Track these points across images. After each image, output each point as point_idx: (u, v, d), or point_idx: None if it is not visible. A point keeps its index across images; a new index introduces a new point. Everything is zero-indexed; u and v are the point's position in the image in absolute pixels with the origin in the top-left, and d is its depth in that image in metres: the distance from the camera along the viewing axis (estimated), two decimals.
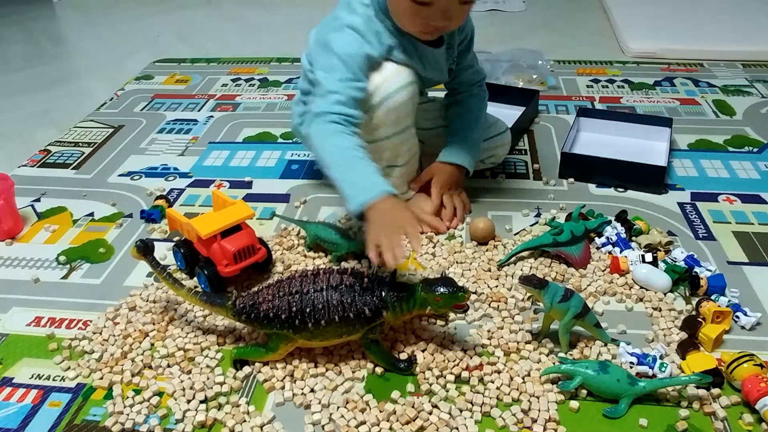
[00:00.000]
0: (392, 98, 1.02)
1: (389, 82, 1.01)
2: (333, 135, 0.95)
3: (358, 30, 1.00)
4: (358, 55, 0.99)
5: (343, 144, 0.95)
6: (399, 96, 1.02)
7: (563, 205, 1.19)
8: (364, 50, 1.00)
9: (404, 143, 1.09)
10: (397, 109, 1.03)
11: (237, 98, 1.73)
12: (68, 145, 1.50)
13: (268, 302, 0.82)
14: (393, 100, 1.02)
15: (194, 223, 0.98)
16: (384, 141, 1.06)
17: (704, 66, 1.84)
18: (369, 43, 1.00)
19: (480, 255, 1.06)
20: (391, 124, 1.04)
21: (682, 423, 0.76)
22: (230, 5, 2.60)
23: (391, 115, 1.03)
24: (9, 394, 0.85)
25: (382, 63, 1.02)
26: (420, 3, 0.95)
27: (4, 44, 2.30)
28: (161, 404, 0.82)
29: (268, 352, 0.84)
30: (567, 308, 0.84)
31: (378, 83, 1.01)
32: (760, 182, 1.26)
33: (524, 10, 2.41)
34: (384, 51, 1.02)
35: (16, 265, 1.10)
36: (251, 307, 0.83)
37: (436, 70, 1.11)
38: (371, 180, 0.91)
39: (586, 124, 1.44)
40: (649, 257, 1.00)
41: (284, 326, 0.81)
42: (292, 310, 0.80)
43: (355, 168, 0.93)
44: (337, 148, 0.95)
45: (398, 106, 1.03)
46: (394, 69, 1.02)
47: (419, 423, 0.77)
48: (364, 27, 1.01)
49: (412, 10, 0.96)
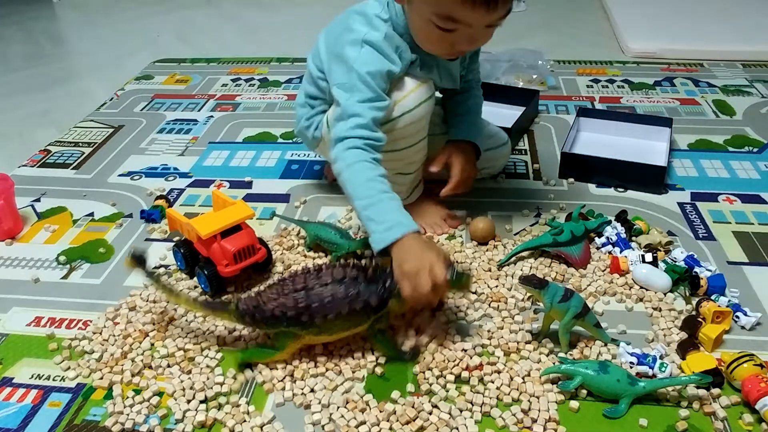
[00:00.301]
0: (411, 113, 1.01)
1: (409, 98, 1.00)
2: (356, 164, 0.93)
3: (379, 47, 0.97)
4: (379, 74, 0.96)
5: (367, 175, 0.92)
6: (418, 111, 1.01)
7: (563, 205, 1.19)
8: (385, 68, 0.97)
9: (417, 153, 1.08)
10: (416, 123, 1.02)
11: (237, 98, 1.73)
12: (68, 145, 1.50)
13: (273, 301, 0.82)
14: (412, 115, 1.01)
15: (194, 223, 0.98)
16: (400, 152, 1.05)
17: (704, 66, 1.84)
18: (390, 59, 0.97)
19: (480, 255, 1.06)
20: (409, 136, 1.04)
21: (682, 423, 0.76)
22: (230, 5, 2.60)
23: (409, 129, 1.02)
24: (9, 394, 0.85)
25: (402, 78, 1.00)
26: (446, 30, 0.92)
27: (4, 44, 2.30)
28: (161, 404, 0.82)
29: (275, 352, 0.84)
30: (567, 308, 0.84)
31: (397, 98, 1.00)
32: (760, 182, 1.26)
33: (524, 10, 2.41)
34: (405, 66, 1.00)
35: (16, 265, 1.10)
36: (255, 308, 0.83)
37: (450, 79, 1.10)
38: (396, 218, 0.88)
39: (586, 124, 1.44)
40: (649, 257, 1.00)
41: (292, 324, 0.81)
42: (299, 306, 0.80)
43: (379, 203, 0.90)
44: (361, 179, 0.92)
45: (417, 120, 1.02)
46: (414, 84, 1.01)
47: (419, 423, 0.77)
48: (384, 43, 0.97)
49: (438, 36, 0.93)
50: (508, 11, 0.91)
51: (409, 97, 1.00)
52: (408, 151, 1.06)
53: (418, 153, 1.09)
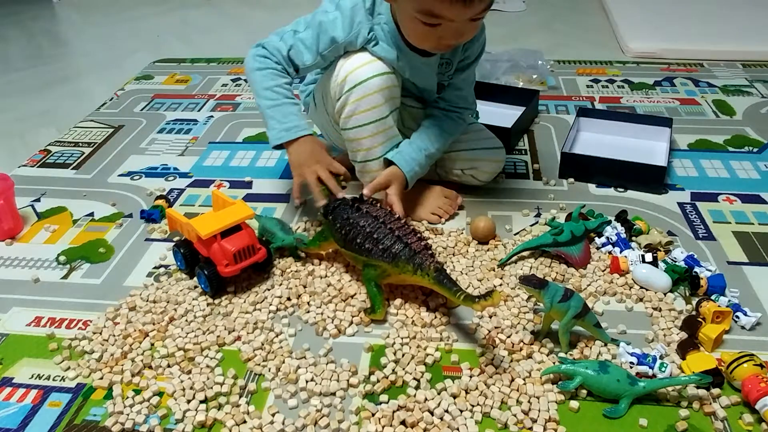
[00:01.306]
0: (363, 85, 1.04)
1: (361, 71, 1.04)
2: (267, 70, 1.07)
3: (344, 13, 1.04)
4: (326, 35, 1.05)
5: (277, 81, 1.06)
6: (371, 83, 1.04)
7: (563, 205, 1.19)
8: (332, 34, 1.04)
9: (380, 134, 1.09)
10: (369, 97, 1.05)
11: (237, 98, 1.73)
12: (68, 145, 1.50)
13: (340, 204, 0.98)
14: (364, 87, 1.04)
15: (194, 224, 0.97)
16: (359, 129, 1.07)
17: (704, 66, 1.84)
18: (343, 29, 1.04)
19: (481, 254, 1.06)
20: (365, 111, 1.06)
21: (682, 423, 0.76)
22: (230, 5, 2.61)
23: (365, 102, 1.05)
24: (9, 394, 0.85)
25: (356, 52, 1.06)
26: (431, 25, 0.94)
27: (4, 44, 2.30)
28: (161, 404, 0.82)
29: (310, 245, 1.03)
30: (567, 308, 0.84)
31: (349, 69, 1.05)
32: (760, 182, 1.26)
33: (524, 10, 2.41)
34: (362, 41, 1.05)
35: (16, 265, 1.10)
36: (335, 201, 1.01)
37: (422, 78, 1.11)
38: (295, 122, 1.06)
39: (586, 124, 1.44)
40: (649, 257, 1.00)
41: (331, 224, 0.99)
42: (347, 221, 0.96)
43: (283, 106, 1.06)
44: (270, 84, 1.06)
45: (370, 93, 1.04)
46: (368, 58, 1.05)
47: (420, 424, 0.77)
48: (349, 12, 1.04)
49: (423, 31, 0.96)
50: (489, 4, 0.93)
51: (361, 69, 1.04)
52: (368, 128, 1.07)
53: (382, 135, 1.09)
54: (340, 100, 1.06)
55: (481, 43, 1.14)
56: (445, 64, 1.12)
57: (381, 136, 1.09)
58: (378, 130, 1.08)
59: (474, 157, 1.20)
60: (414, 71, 1.09)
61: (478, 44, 1.13)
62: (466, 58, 1.14)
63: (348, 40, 1.05)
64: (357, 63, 1.05)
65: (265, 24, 2.33)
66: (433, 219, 1.15)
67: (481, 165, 1.20)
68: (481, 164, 1.20)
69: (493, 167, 1.22)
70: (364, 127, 1.07)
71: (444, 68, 1.12)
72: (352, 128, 1.08)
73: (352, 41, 1.05)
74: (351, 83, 1.04)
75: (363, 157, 1.11)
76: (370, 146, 1.09)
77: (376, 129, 1.08)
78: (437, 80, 1.13)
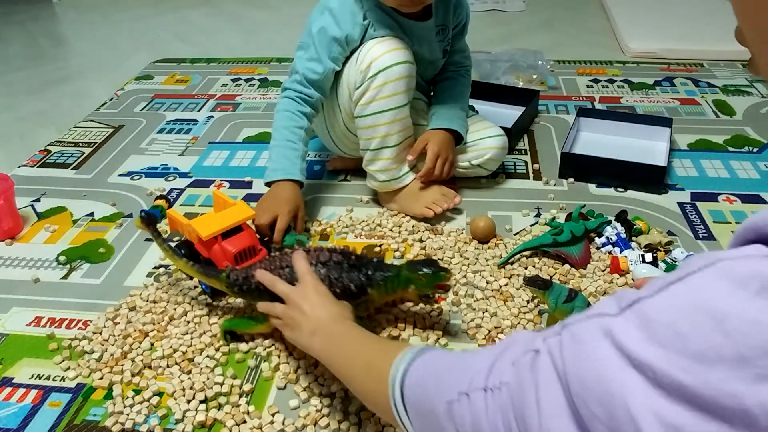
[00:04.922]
0: (388, 71, 1.06)
1: (385, 57, 1.06)
2: (283, 111, 1.12)
3: (334, 12, 1.07)
4: (326, 38, 1.08)
5: (285, 123, 1.11)
6: (396, 69, 1.06)
7: (563, 205, 1.19)
8: (331, 33, 1.07)
9: (398, 122, 1.10)
10: (391, 84, 1.06)
11: (237, 98, 1.73)
12: (68, 145, 1.50)
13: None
14: (386, 74, 1.06)
15: (195, 224, 0.97)
16: (378, 115, 1.08)
17: (704, 66, 1.84)
18: (339, 25, 1.07)
19: (482, 253, 1.06)
20: (386, 98, 1.07)
21: None
22: (230, 5, 2.60)
23: (387, 89, 1.06)
24: (9, 394, 0.85)
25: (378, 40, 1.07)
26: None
27: (4, 44, 2.30)
28: (161, 404, 0.82)
29: (257, 324, 0.88)
30: (571, 309, 0.84)
31: (375, 55, 1.06)
32: (760, 182, 1.26)
33: (524, 10, 2.41)
34: (360, 30, 1.07)
35: (16, 265, 1.10)
36: (244, 279, 0.86)
37: (427, 46, 1.15)
38: (283, 164, 1.10)
39: (586, 124, 1.44)
40: (649, 257, 1.00)
41: (274, 298, 0.82)
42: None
43: (280, 147, 1.11)
44: (280, 124, 1.12)
45: (393, 79, 1.06)
46: (391, 46, 1.07)
47: None
48: (338, 9, 1.07)
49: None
50: None
51: (385, 56, 1.06)
52: (387, 114, 1.09)
53: (399, 122, 1.10)
54: (361, 87, 1.07)
55: (467, 7, 1.23)
56: (442, 31, 1.17)
57: (398, 124, 1.10)
58: (396, 118, 1.10)
59: (479, 146, 1.21)
60: (420, 41, 1.13)
61: (465, 8, 1.22)
62: (459, 21, 1.21)
63: (347, 33, 1.07)
64: (381, 50, 1.06)
65: (265, 24, 2.34)
66: (427, 213, 1.14)
67: (487, 153, 1.21)
68: (487, 152, 1.21)
69: (499, 154, 1.23)
70: (383, 114, 1.08)
71: (442, 35, 1.18)
72: (370, 114, 1.09)
73: (350, 33, 1.07)
74: (375, 69, 1.06)
75: (378, 144, 1.11)
76: (386, 133, 1.11)
77: (394, 116, 1.09)
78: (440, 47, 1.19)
